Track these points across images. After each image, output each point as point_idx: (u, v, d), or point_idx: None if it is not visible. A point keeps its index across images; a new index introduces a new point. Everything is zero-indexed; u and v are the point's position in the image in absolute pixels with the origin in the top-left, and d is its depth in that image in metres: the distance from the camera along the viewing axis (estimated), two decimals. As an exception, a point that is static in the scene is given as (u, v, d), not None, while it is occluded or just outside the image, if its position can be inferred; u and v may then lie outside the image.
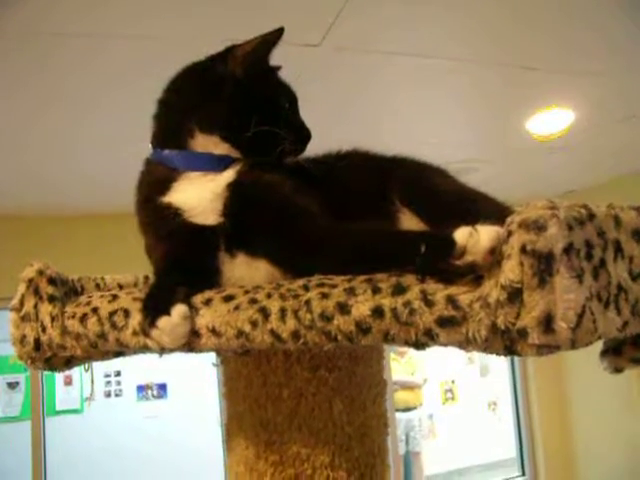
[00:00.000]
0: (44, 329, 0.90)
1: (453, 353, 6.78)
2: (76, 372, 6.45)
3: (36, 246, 3.21)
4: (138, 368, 5.79)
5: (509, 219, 0.57)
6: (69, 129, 2.58)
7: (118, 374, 6.42)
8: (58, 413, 5.87)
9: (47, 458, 4.10)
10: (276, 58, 0.92)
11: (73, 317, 0.88)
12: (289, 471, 0.80)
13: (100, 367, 6.39)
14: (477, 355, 6.87)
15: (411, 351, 4.81)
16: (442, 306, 0.59)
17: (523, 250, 0.55)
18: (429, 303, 0.59)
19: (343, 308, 0.63)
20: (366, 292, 0.63)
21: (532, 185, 3.45)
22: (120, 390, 6.40)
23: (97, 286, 1.08)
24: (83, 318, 0.86)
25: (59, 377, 6.43)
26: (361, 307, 0.62)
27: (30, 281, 0.93)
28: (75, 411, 6.26)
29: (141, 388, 6.18)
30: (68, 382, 6.47)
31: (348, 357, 0.81)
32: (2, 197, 3.28)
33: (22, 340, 0.92)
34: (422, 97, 2.58)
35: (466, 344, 0.59)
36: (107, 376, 6.42)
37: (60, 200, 3.42)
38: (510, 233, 0.56)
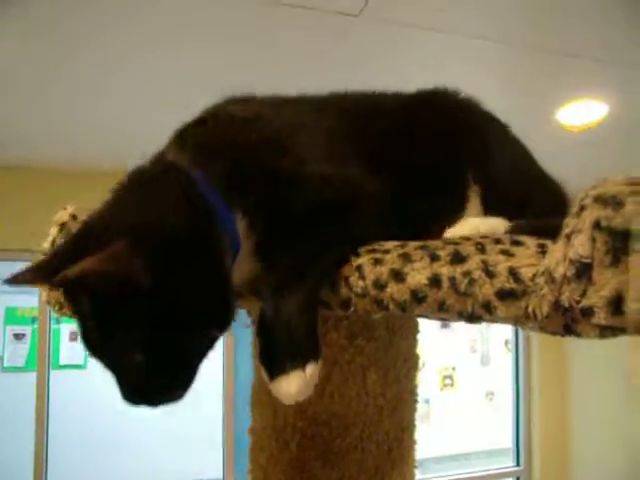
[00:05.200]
0: (75, 274, 0.89)
1: (455, 340, 6.78)
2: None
3: (51, 200, 3.24)
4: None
5: (582, 193, 0.55)
6: (96, 79, 2.55)
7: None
8: (62, 367, 5.93)
9: (50, 409, 4.15)
10: (315, 25, 0.88)
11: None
12: (314, 442, 0.79)
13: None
14: (479, 344, 6.87)
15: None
16: (504, 278, 0.56)
17: (597, 226, 0.52)
18: (490, 274, 0.57)
19: (398, 275, 0.61)
20: (423, 259, 0.60)
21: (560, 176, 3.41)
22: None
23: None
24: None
25: (64, 332, 6.48)
26: (417, 275, 0.60)
27: (63, 225, 0.92)
28: (78, 366, 6.33)
29: (145, 349, 6.26)
30: (73, 338, 6.53)
31: (386, 327, 0.79)
32: (28, 149, 3.28)
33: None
34: (455, 75, 2.53)
35: (524, 319, 0.56)
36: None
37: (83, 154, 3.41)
38: (583, 207, 0.54)
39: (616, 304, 0.51)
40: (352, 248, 0.69)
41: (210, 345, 0.71)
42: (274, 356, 0.65)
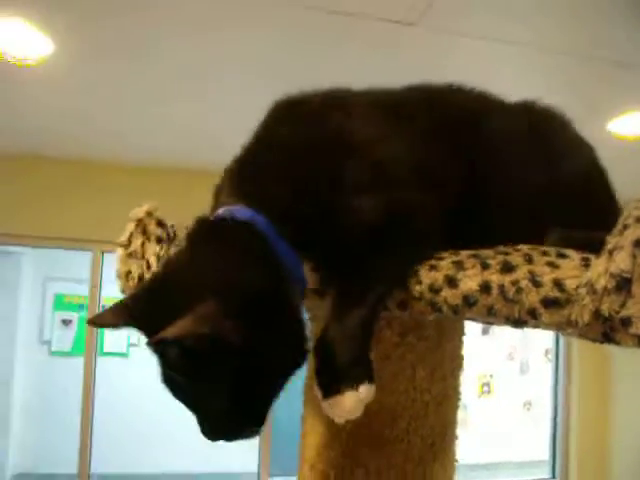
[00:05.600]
0: (149, 267, 0.97)
1: (494, 347, 6.75)
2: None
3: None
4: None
5: (626, 212, 0.60)
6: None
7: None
8: (106, 354, 6.10)
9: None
10: (371, 34, 0.92)
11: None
12: (364, 431, 0.85)
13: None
14: (519, 352, 6.81)
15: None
16: (549, 288, 0.62)
17: (637, 244, 0.57)
18: (536, 284, 0.62)
19: (451, 281, 0.67)
20: (475, 267, 0.66)
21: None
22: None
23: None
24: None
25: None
26: (469, 282, 0.66)
27: (139, 221, 1.00)
28: (121, 354, 6.50)
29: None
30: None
31: (435, 328, 0.84)
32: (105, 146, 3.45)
33: (127, 275, 0.99)
34: (510, 86, 2.55)
35: (566, 326, 0.62)
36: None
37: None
38: (626, 227, 0.59)
39: (653, 316, 0.56)
40: (408, 270, 0.72)
41: (288, 381, 0.75)
42: (329, 375, 0.70)
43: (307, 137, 0.85)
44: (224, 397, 0.71)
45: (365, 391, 0.68)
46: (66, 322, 6.41)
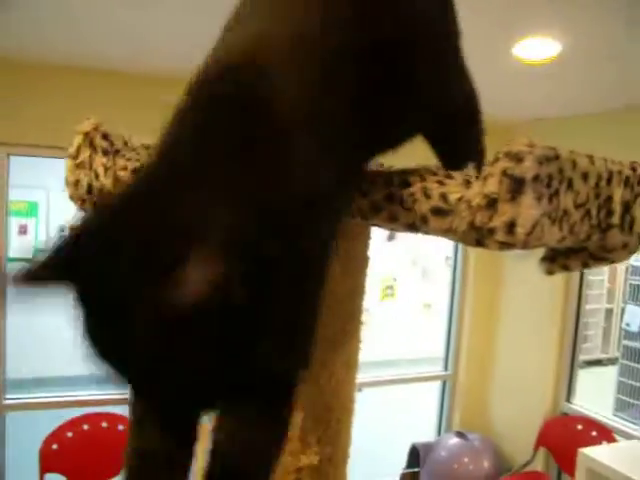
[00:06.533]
0: (97, 177, 1.08)
1: (398, 253, 7.16)
2: (31, 222, 6.57)
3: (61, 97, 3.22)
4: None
5: (498, 150, 0.78)
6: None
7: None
8: (11, 260, 6.04)
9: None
10: None
11: (125, 169, 1.06)
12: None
13: (55, 219, 6.54)
14: (420, 257, 7.26)
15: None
16: (436, 199, 0.80)
17: (504, 173, 0.75)
18: (427, 196, 0.81)
19: (363, 193, 0.85)
20: (381, 182, 0.84)
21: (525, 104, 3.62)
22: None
23: (125, 144, 1.21)
24: (134, 171, 1.04)
25: (14, 226, 6.47)
26: (377, 194, 0.83)
27: (86, 134, 1.10)
28: (28, 260, 6.42)
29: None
30: (23, 232, 6.60)
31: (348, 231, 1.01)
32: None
33: (76, 184, 1.10)
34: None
35: (448, 232, 0.81)
36: (64, 230, 6.58)
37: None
38: (497, 159, 0.77)
39: (510, 227, 0.75)
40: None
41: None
42: None
43: None
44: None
45: None
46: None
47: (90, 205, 1.10)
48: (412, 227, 0.84)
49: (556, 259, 0.97)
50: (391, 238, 6.87)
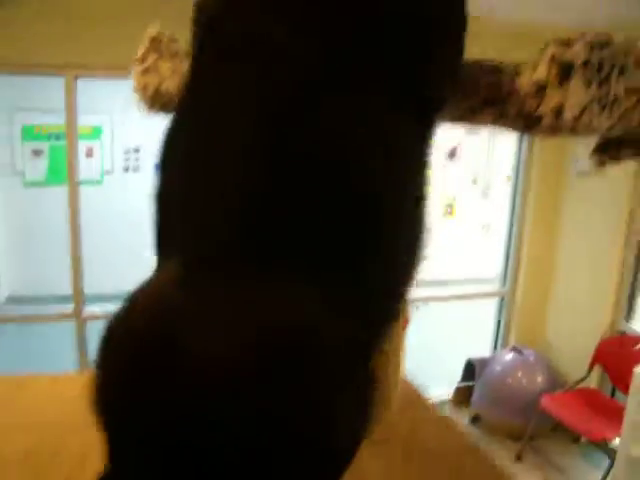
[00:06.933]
0: (163, 81, 1.13)
1: (458, 172, 7.03)
2: (97, 146, 6.77)
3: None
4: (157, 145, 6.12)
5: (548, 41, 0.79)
6: None
7: (137, 150, 6.75)
8: (79, 183, 6.27)
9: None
10: None
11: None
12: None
13: (119, 143, 6.73)
14: (481, 177, 7.14)
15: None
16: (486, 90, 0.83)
17: (552, 59, 0.77)
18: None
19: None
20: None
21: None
22: (138, 166, 6.78)
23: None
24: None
25: (81, 149, 6.67)
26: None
27: (153, 39, 1.15)
28: (96, 182, 6.65)
29: (160, 164, 6.58)
30: (89, 154, 6.79)
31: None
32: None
33: (144, 88, 1.15)
34: None
35: (500, 120, 0.84)
36: (126, 152, 6.77)
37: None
38: (546, 46, 0.78)
39: (557, 113, 0.77)
40: None
41: None
42: None
43: None
44: None
45: None
46: (37, 153, 6.47)
47: (157, 108, 1.16)
48: (462, 119, 0.86)
49: (607, 149, 0.98)
50: (452, 156, 6.77)
